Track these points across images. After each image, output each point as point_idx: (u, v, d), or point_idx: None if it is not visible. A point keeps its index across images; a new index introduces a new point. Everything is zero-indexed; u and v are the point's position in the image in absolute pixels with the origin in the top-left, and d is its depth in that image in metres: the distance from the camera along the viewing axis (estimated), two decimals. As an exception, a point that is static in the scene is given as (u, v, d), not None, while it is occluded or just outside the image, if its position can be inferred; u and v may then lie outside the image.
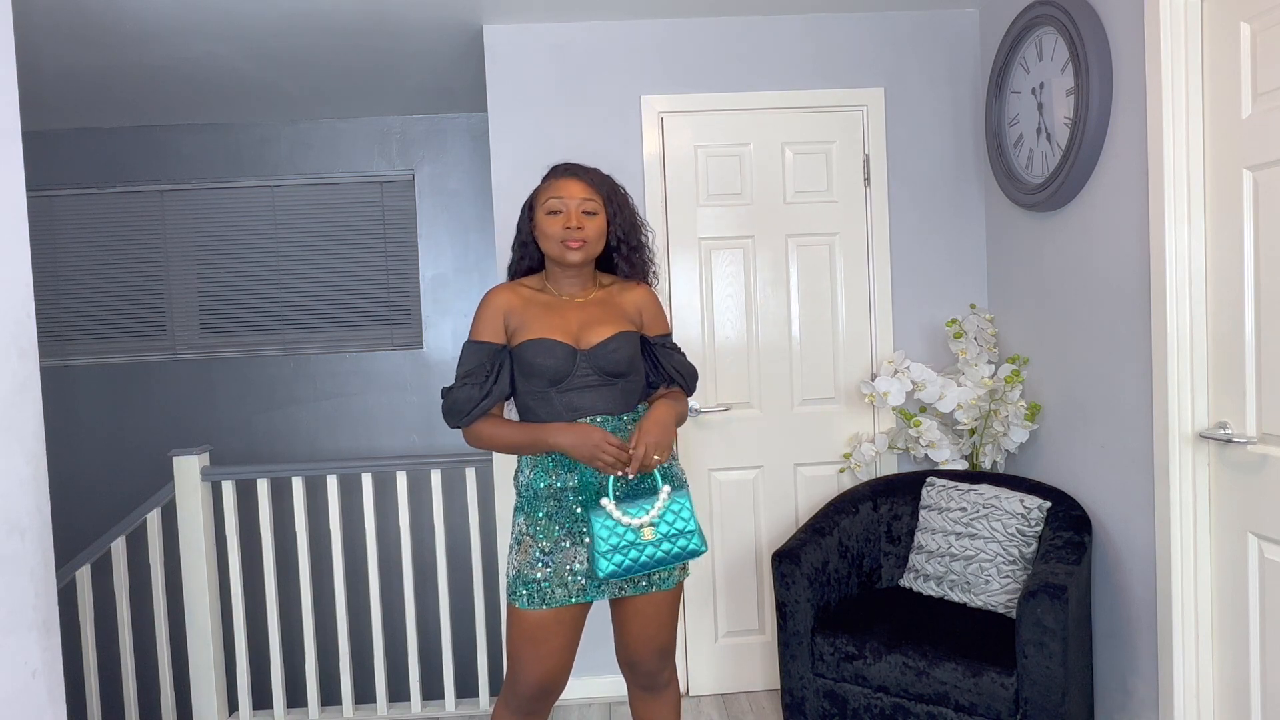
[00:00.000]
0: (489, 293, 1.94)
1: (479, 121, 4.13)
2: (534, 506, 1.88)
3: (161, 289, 4.22)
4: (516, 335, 1.89)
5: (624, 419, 1.90)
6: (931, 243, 3.06)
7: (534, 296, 1.93)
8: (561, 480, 1.86)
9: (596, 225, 1.90)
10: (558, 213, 1.88)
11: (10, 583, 1.10)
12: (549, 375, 1.84)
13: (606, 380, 1.87)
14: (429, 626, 3.64)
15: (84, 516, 3.82)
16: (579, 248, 1.87)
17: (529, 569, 1.84)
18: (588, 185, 1.91)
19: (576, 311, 1.92)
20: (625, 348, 1.89)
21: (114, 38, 2.93)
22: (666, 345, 2.01)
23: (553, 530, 1.85)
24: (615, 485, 1.84)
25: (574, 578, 1.84)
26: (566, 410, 1.85)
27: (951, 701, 2.18)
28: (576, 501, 1.85)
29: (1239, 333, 1.92)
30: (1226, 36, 1.91)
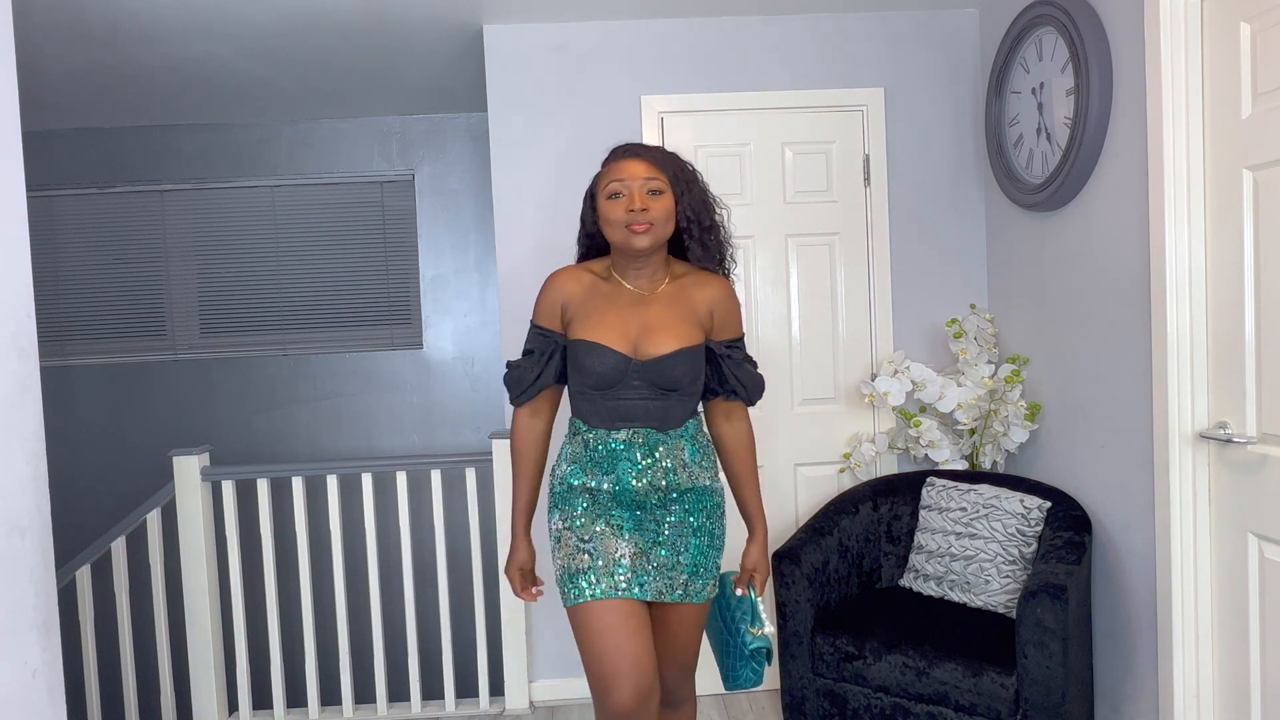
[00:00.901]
0: (552, 276, 1.84)
1: (479, 121, 4.13)
2: (570, 502, 1.81)
3: (161, 289, 4.22)
4: (572, 327, 1.78)
5: (670, 436, 1.79)
6: (931, 243, 3.06)
7: (597, 286, 1.80)
8: (596, 481, 1.79)
9: (663, 205, 1.74)
10: (620, 195, 1.73)
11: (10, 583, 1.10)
12: (597, 380, 1.75)
13: (658, 394, 1.76)
14: (429, 626, 3.64)
15: (84, 516, 3.81)
16: (645, 231, 1.72)
17: (573, 560, 1.77)
18: (650, 164, 1.76)
19: (640, 311, 1.77)
20: (685, 364, 1.75)
21: (114, 38, 2.93)
22: (735, 354, 1.86)
23: (590, 522, 1.79)
24: (757, 611, 1.90)
25: (619, 569, 1.75)
26: (610, 417, 1.77)
27: (951, 701, 2.18)
28: (612, 503, 1.79)
29: (1239, 333, 1.92)
30: (1226, 36, 1.91)
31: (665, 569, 1.79)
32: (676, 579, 1.80)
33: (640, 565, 1.77)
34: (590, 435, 1.80)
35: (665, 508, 1.80)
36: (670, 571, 1.79)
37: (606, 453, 1.78)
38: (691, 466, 1.81)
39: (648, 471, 1.77)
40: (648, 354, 1.74)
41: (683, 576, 1.80)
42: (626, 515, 1.79)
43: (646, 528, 1.80)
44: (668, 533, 1.80)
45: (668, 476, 1.78)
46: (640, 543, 1.78)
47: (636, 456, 1.77)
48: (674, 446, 1.79)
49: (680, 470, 1.79)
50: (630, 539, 1.78)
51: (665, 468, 1.78)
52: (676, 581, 1.80)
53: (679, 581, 1.80)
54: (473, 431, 4.21)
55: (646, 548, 1.79)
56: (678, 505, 1.81)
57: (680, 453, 1.80)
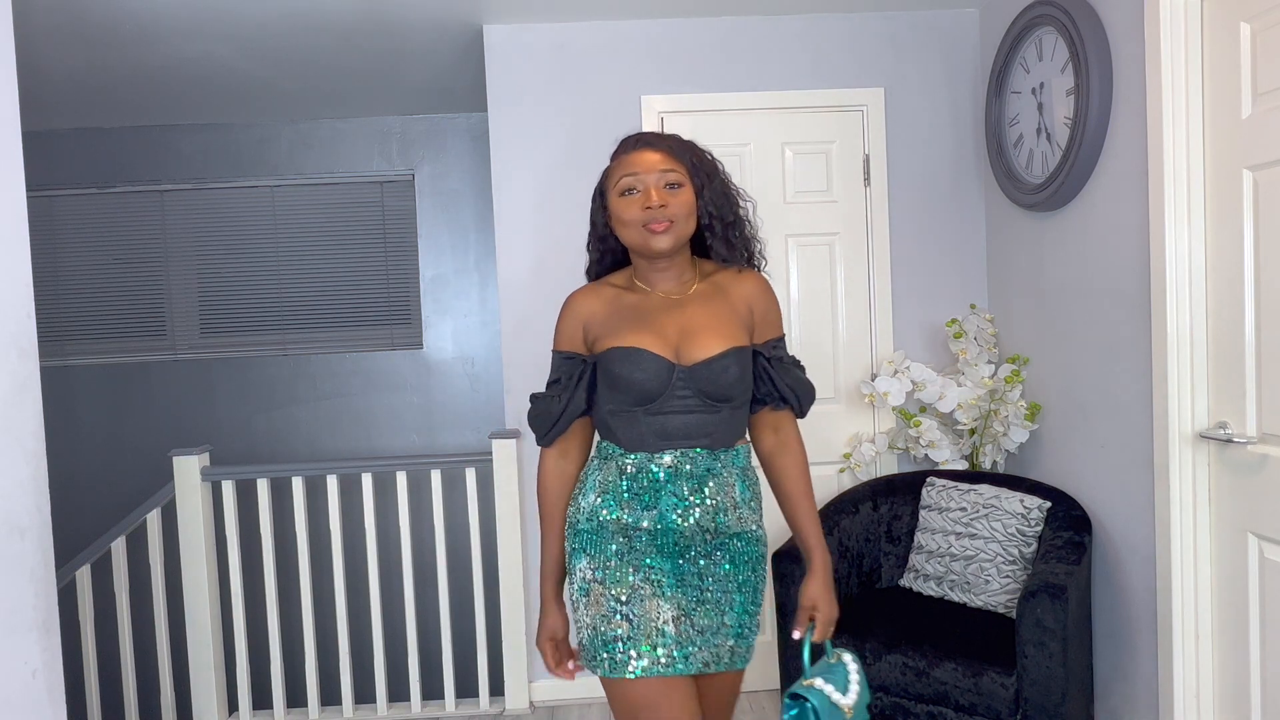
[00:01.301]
0: (569, 297, 1.64)
1: (479, 121, 4.13)
2: (599, 542, 1.54)
3: (161, 289, 4.22)
4: (600, 343, 1.57)
5: (721, 460, 1.55)
6: (931, 243, 3.06)
7: (620, 298, 1.60)
8: (635, 517, 1.53)
9: (683, 200, 1.54)
10: (634, 191, 1.53)
11: (10, 583, 1.10)
12: (637, 393, 1.51)
13: (709, 405, 1.52)
14: (429, 626, 3.64)
15: (84, 516, 3.81)
16: (665, 230, 1.51)
17: (605, 624, 1.50)
18: (666, 154, 1.55)
19: (675, 314, 1.56)
20: (735, 368, 1.52)
21: (114, 38, 2.92)
22: (780, 354, 1.63)
23: (624, 572, 1.52)
24: (809, 656, 1.55)
25: (663, 640, 1.49)
26: (654, 436, 1.52)
27: (951, 701, 2.18)
28: (651, 547, 1.53)
29: (1239, 333, 1.92)
30: (1226, 36, 1.91)
31: (710, 634, 1.53)
32: (722, 646, 1.54)
33: (684, 632, 1.51)
34: (628, 460, 1.55)
35: (710, 557, 1.55)
36: (715, 637, 1.53)
37: (648, 482, 1.53)
38: (742, 508, 1.58)
39: (695, 509, 1.53)
40: (693, 358, 1.52)
41: (728, 642, 1.55)
42: (667, 566, 1.53)
43: (689, 582, 1.54)
44: (711, 588, 1.55)
45: (717, 517, 1.54)
46: (683, 602, 1.53)
47: (684, 490, 1.53)
48: (725, 481, 1.55)
49: (730, 511, 1.56)
50: (672, 598, 1.52)
51: (715, 505, 1.54)
52: (723, 649, 1.54)
53: (724, 648, 1.55)
54: (473, 431, 4.21)
55: (689, 608, 1.53)
56: (723, 554, 1.56)
57: (731, 490, 1.56)
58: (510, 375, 3.01)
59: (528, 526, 2.98)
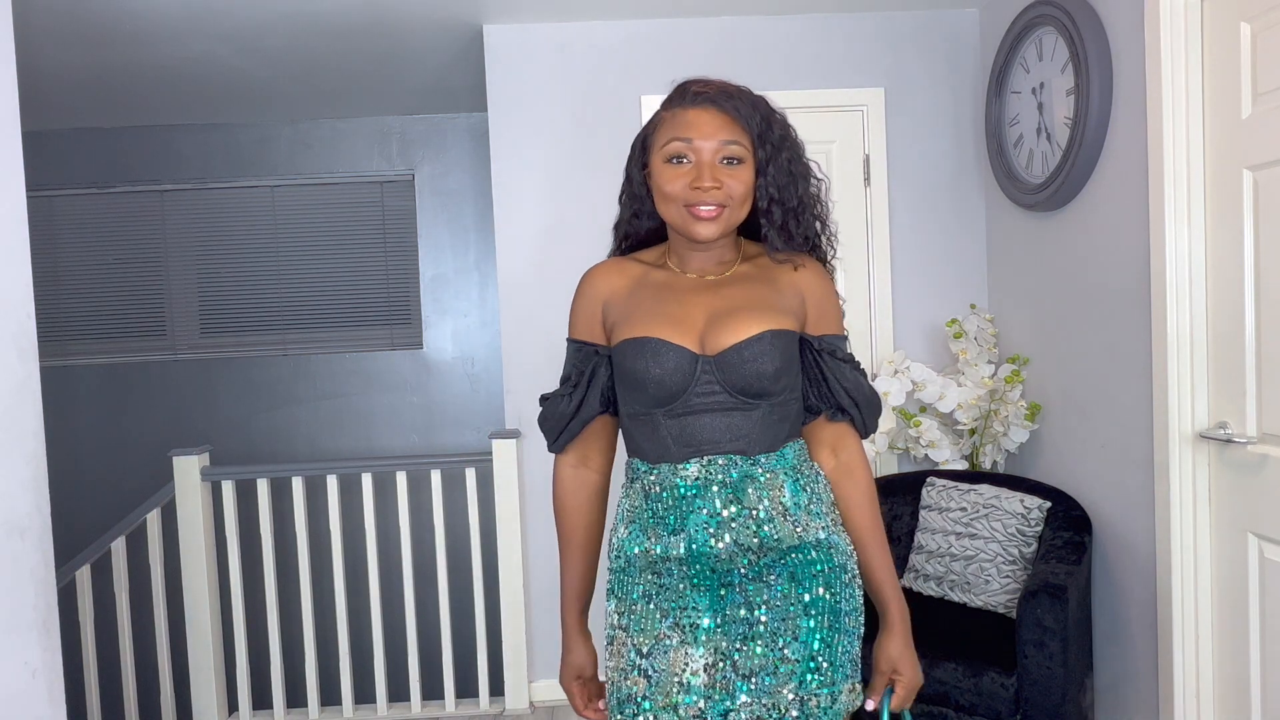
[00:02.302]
0: (587, 273, 1.38)
1: (479, 121, 4.13)
2: (627, 584, 1.31)
3: (161, 289, 4.22)
4: (617, 331, 1.31)
5: (761, 463, 1.26)
6: (931, 243, 3.05)
7: (647, 276, 1.34)
8: (662, 545, 1.27)
9: (742, 180, 1.26)
10: (683, 160, 1.25)
11: (10, 583, 1.10)
12: (655, 391, 1.25)
13: (742, 403, 1.25)
14: (429, 626, 3.64)
15: (84, 516, 3.81)
16: (714, 217, 1.25)
17: (625, 679, 1.27)
18: (732, 119, 1.26)
19: (706, 295, 1.30)
20: (773, 354, 1.24)
21: (114, 38, 2.93)
22: (837, 354, 1.33)
23: (653, 619, 1.27)
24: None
25: (686, 698, 1.23)
26: (676, 443, 1.26)
27: (951, 701, 2.18)
28: (683, 578, 1.27)
29: (1239, 333, 1.92)
30: (1226, 36, 1.91)
31: (763, 676, 1.23)
32: (782, 693, 1.22)
33: (721, 680, 1.24)
34: (651, 478, 1.29)
35: (761, 579, 1.26)
36: (772, 680, 1.23)
37: (672, 501, 1.27)
38: (796, 513, 1.27)
39: (731, 525, 1.25)
40: (721, 343, 1.25)
41: (790, 686, 1.22)
42: (705, 601, 1.26)
43: (732, 617, 1.26)
44: (765, 618, 1.25)
45: (761, 530, 1.25)
46: (722, 645, 1.25)
47: (715, 503, 1.25)
48: (768, 484, 1.26)
49: (779, 520, 1.26)
50: (708, 642, 1.25)
51: (757, 517, 1.25)
52: (782, 698, 1.22)
53: (786, 698, 1.22)
54: (473, 431, 4.21)
55: (730, 649, 1.25)
56: (778, 573, 1.26)
57: (779, 493, 1.27)
58: (510, 375, 3.01)
59: (528, 527, 2.98)
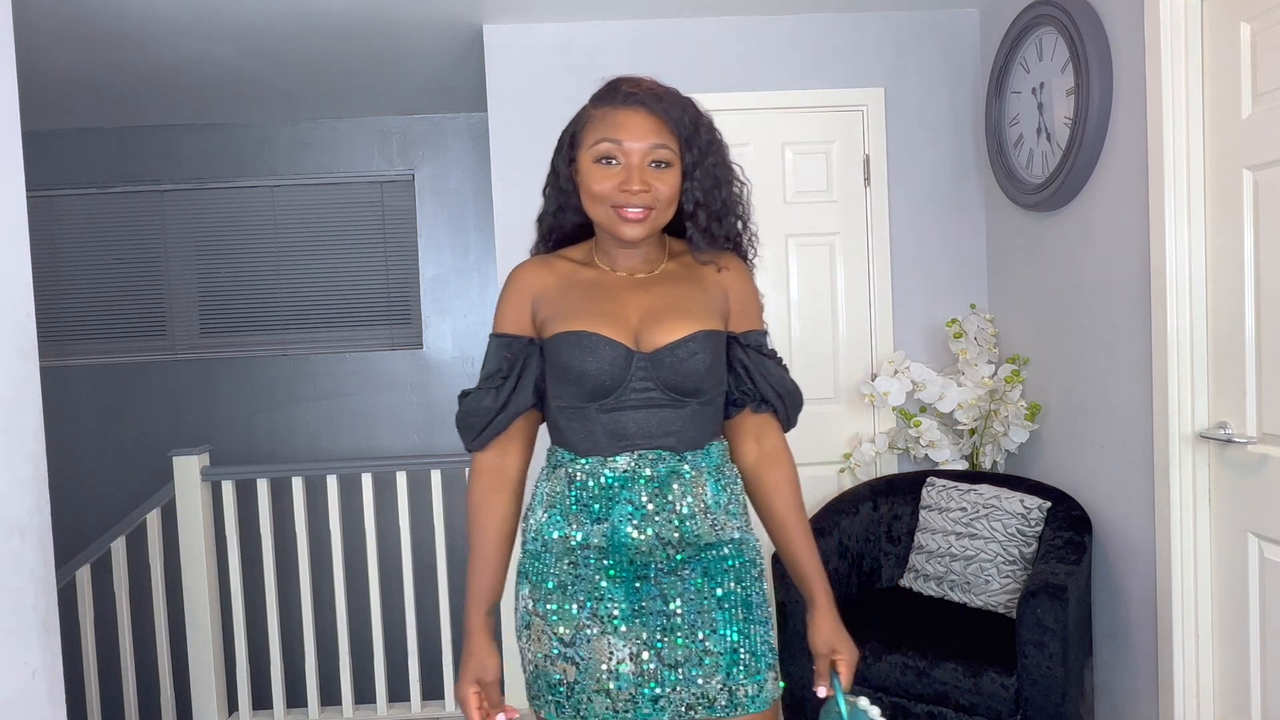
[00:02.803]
0: (515, 269, 1.40)
1: (479, 121, 4.13)
2: (541, 570, 1.33)
3: (161, 289, 4.22)
4: (548, 326, 1.33)
5: (689, 460, 1.32)
6: (931, 243, 3.06)
7: (576, 274, 1.36)
8: (584, 533, 1.30)
9: (669, 183, 1.29)
10: (612, 161, 1.28)
11: (10, 583, 1.10)
12: (590, 385, 1.28)
13: (673, 400, 1.30)
14: (429, 626, 3.64)
15: (84, 516, 3.81)
16: (641, 219, 1.28)
17: (551, 665, 1.29)
18: (662, 122, 1.28)
19: (638, 294, 1.33)
20: (705, 353, 1.30)
21: (114, 38, 2.92)
22: (761, 349, 1.40)
23: (568, 609, 1.29)
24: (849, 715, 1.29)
25: (617, 683, 1.26)
26: (608, 437, 1.30)
27: (951, 701, 2.18)
28: (600, 570, 1.29)
29: (1239, 333, 1.92)
30: (1226, 36, 1.91)
31: (689, 667, 1.27)
32: (711, 684, 1.28)
33: (648, 669, 1.27)
34: (577, 467, 1.32)
35: (676, 574, 1.30)
36: (696, 670, 1.28)
37: (598, 490, 1.30)
38: (715, 512, 1.33)
39: (655, 518, 1.29)
40: (655, 342, 1.29)
41: (718, 678, 1.28)
42: (620, 593, 1.29)
43: (649, 609, 1.29)
44: (681, 610, 1.29)
45: (682, 526, 1.29)
46: (643, 635, 1.28)
47: (640, 497, 1.29)
48: (693, 482, 1.31)
49: (700, 517, 1.31)
50: (627, 633, 1.28)
51: (680, 513, 1.29)
52: (711, 689, 1.28)
53: (714, 688, 1.28)
54: (473, 431, 4.21)
55: (652, 640, 1.28)
56: (693, 569, 1.30)
57: (701, 491, 1.32)
58: (510, 375, 3.01)
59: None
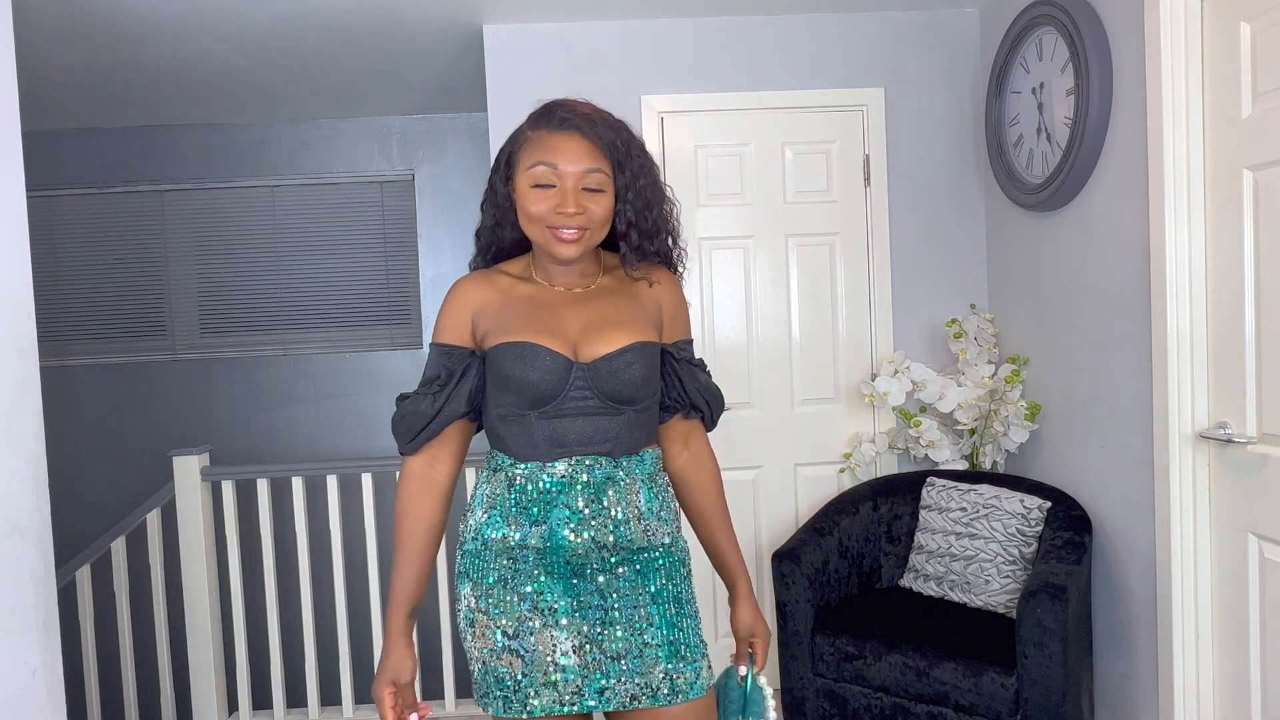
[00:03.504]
0: (455, 285, 1.44)
1: (479, 121, 4.13)
2: (481, 567, 1.38)
3: (161, 289, 4.22)
4: (490, 338, 1.39)
5: (624, 467, 1.39)
6: (931, 243, 3.06)
7: (515, 289, 1.42)
8: (522, 533, 1.36)
9: (603, 206, 1.36)
10: (548, 186, 1.34)
11: (10, 583, 1.10)
12: (531, 394, 1.34)
13: (610, 407, 1.37)
14: (429, 626, 3.64)
15: (84, 516, 3.81)
16: (575, 240, 1.34)
17: (497, 660, 1.36)
18: (595, 146, 1.35)
19: (576, 308, 1.41)
20: (641, 364, 1.37)
21: (114, 38, 2.93)
22: (690, 359, 1.50)
23: (511, 603, 1.35)
24: (760, 703, 1.47)
25: (563, 675, 1.34)
26: (546, 443, 1.36)
27: (951, 701, 2.18)
28: (539, 569, 1.36)
29: (1239, 333, 1.92)
30: (1226, 36, 1.91)
31: (630, 659, 1.36)
32: (653, 674, 1.36)
33: (593, 661, 1.35)
34: (516, 471, 1.38)
35: (610, 572, 1.37)
36: (638, 661, 1.36)
37: (537, 494, 1.36)
38: (648, 519, 1.39)
39: (591, 523, 1.35)
40: (594, 353, 1.36)
41: (659, 668, 1.36)
42: (559, 588, 1.36)
43: (588, 603, 1.36)
44: (618, 605, 1.36)
45: (616, 530, 1.36)
46: (584, 628, 1.35)
47: (577, 502, 1.35)
48: (627, 489, 1.38)
49: (634, 523, 1.37)
50: (569, 625, 1.35)
51: (615, 518, 1.36)
52: (653, 679, 1.36)
53: (656, 678, 1.36)
54: (473, 431, 4.21)
55: (593, 634, 1.36)
56: (626, 568, 1.38)
57: (635, 498, 1.38)
58: (510, 375, 3.01)
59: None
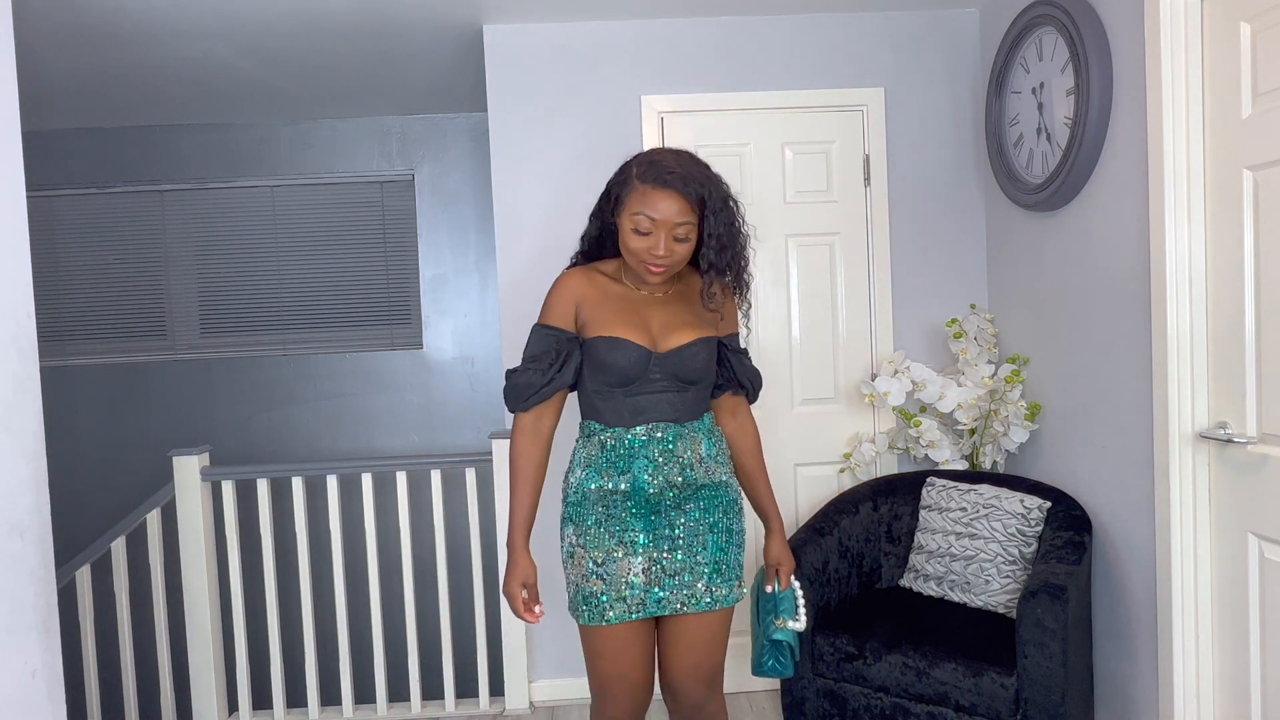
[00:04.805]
0: (562, 276, 1.83)
1: (479, 121, 4.13)
2: (583, 513, 1.80)
3: (161, 289, 4.22)
4: (589, 328, 1.78)
5: (688, 427, 1.81)
6: (931, 242, 3.06)
7: (609, 288, 1.81)
8: (613, 483, 1.78)
9: (687, 249, 1.73)
10: (646, 234, 1.69)
11: (10, 583, 1.10)
12: (619, 376, 1.75)
13: (679, 386, 1.78)
14: (429, 626, 3.64)
15: (84, 516, 3.81)
16: (661, 272, 1.73)
17: (585, 582, 1.78)
18: (685, 202, 1.68)
19: (656, 309, 1.80)
20: (704, 353, 1.79)
21: (114, 38, 2.93)
22: (736, 347, 1.91)
23: (603, 539, 1.77)
24: (792, 604, 1.96)
25: (631, 591, 1.76)
26: (630, 413, 1.77)
27: (951, 701, 2.18)
28: (626, 508, 1.77)
29: (1239, 333, 1.92)
30: (1226, 36, 1.91)
31: (683, 574, 1.78)
32: (697, 586, 1.78)
33: (655, 576, 1.77)
34: (606, 435, 1.79)
35: (680, 508, 1.79)
36: (689, 576, 1.78)
37: (624, 450, 1.78)
38: (708, 461, 1.82)
39: (664, 469, 1.76)
40: (668, 345, 1.77)
41: (703, 582, 1.79)
42: (640, 524, 1.77)
43: (661, 533, 1.78)
44: (682, 534, 1.79)
45: (684, 472, 1.78)
46: (654, 552, 1.78)
47: (654, 453, 1.76)
48: (692, 441, 1.80)
49: (697, 465, 1.80)
50: (644, 553, 1.77)
51: (682, 463, 1.78)
52: (698, 590, 1.78)
53: (700, 589, 1.78)
54: (473, 431, 4.21)
55: (660, 557, 1.78)
56: (693, 504, 1.80)
57: (698, 447, 1.81)
58: (510, 375, 3.01)
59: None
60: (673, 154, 1.73)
